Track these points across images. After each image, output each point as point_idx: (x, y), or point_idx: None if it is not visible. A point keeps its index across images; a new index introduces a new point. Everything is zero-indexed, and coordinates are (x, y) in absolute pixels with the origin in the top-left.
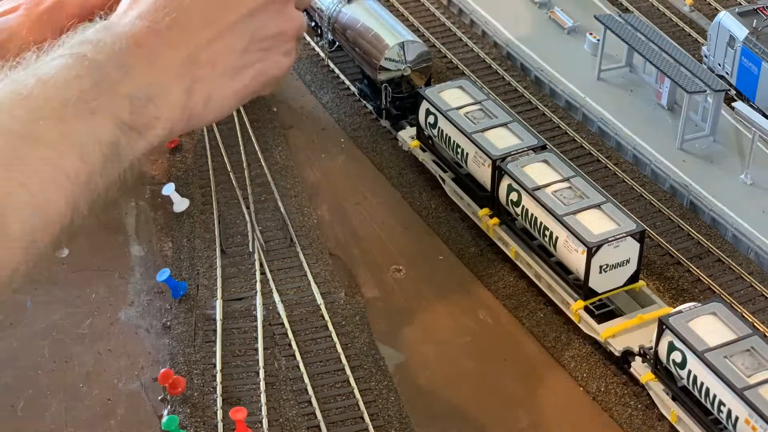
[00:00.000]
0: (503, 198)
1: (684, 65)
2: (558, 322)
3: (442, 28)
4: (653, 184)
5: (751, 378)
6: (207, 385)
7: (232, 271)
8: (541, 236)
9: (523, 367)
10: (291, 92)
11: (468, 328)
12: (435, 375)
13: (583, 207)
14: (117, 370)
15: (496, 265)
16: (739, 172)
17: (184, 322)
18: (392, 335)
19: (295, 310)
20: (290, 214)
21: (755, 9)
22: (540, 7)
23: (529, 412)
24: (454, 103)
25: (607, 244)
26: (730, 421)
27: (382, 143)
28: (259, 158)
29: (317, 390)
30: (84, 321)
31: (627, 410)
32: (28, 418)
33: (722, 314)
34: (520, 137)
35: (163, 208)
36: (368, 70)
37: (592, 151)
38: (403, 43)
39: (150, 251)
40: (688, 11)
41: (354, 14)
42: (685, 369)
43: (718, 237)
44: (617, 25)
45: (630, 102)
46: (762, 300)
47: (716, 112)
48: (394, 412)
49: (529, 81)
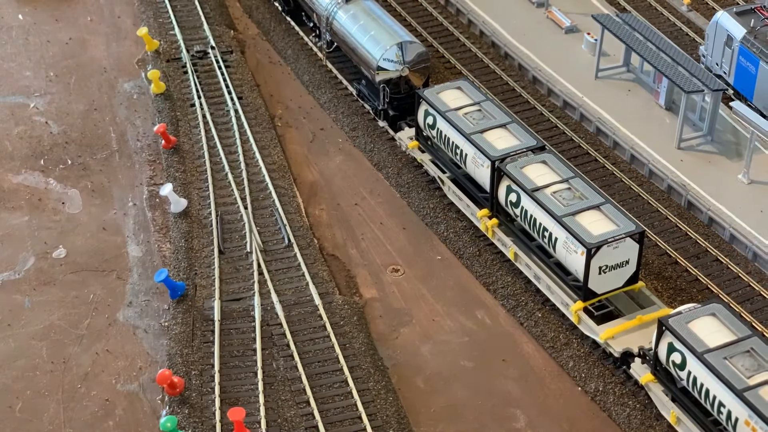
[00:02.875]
0: (502, 199)
1: (682, 65)
2: (556, 322)
3: (440, 28)
4: (651, 184)
5: (750, 379)
6: (205, 386)
7: (230, 271)
8: (540, 237)
9: (521, 367)
10: (289, 93)
11: (466, 328)
12: (433, 375)
13: (583, 208)
14: (115, 370)
15: (494, 266)
16: (737, 172)
17: (182, 322)
18: (390, 335)
19: (293, 311)
20: (288, 215)
21: (753, 9)
22: (537, 7)
23: (527, 411)
24: (452, 104)
25: (607, 245)
26: (730, 423)
27: (380, 144)
28: (257, 159)
29: (315, 390)
30: (82, 322)
31: (625, 410)
32: (26, 419)
33: (722, 315)
34: (519, 138)
35: (161, 208)
36: (366, 71)
37: (589, 151)
38: (401, 43)
39: (148, 252)
40: (685, 11)
41: (352, 15)
42: (685, 370)
43: (716, 236)
44: (615, 25)
45: (628, 101)
46: (760, 299)
47: (714, 112)
48: (393, 412)
49: (527, 81)
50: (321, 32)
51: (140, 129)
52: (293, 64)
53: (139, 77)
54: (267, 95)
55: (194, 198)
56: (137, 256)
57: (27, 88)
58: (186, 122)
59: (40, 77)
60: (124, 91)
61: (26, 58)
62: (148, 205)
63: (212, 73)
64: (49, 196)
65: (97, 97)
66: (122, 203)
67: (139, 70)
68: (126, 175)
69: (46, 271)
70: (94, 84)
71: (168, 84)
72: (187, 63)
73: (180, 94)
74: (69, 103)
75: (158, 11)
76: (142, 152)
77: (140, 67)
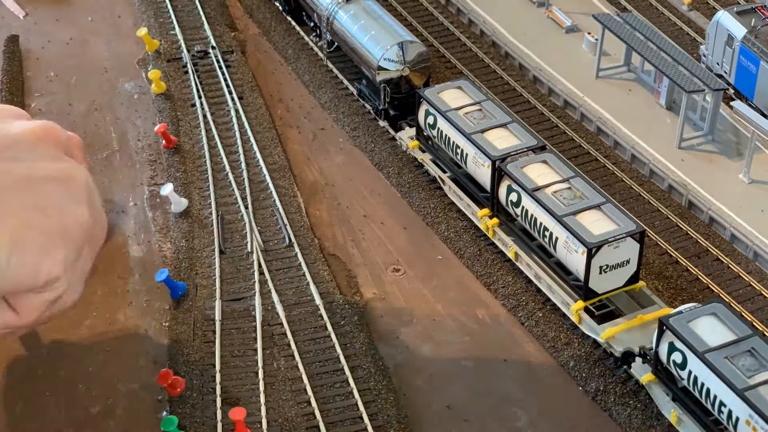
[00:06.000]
0: (503, 198)
1: (682, 64)
2: (557, 322)
3: (441, 27)
4: (651, 183)
5: (751, 379)
6: (206, 386)
7: (230, 271)
8: (540, 237)
9: (521, 367)
10: (290, 92)
11: (467, 327)
12: (434, 375)
13: (583, 207)
14: (116, 370)
15: (495, 265)
16: (738, 171)
17: (183, 322)
18: (391, 335)
19: (294, 311)
20: (289, 215)
21: (754, 8)
22: (538, 7)
23: (528, 411)
24: (453, 103)
25: (607, 244)
26: (731, 422)
27: (381, 143)
28: (258, 158)
29: (316, 390)
30: (83, 321)
31: (626, 410)
32: (27, 419)
33: (722, 315)
34: (520, 138)
35: (162, 208)
36: (367, 71)
37: (590, 151)
38: (401, 43)
39: (149, 252)
40: (686, 10)
41: (352, 15)
42: (686, 370)
43: (716, 236)
44: (616, 25)
45: (628, 101)
46: (761, 299)
47: (715, 111)
48: (394, 412)
49: (528, 80)
50: (321, 32)
51: (141, 129)
52: (294, 64)
53: (139, 77)
54: (267, 95)
55: (195, 198)
56: (138, 256)
57: (27, 88)
58: (187, 122)
59: (40, 77)
60: (124, 91)
61: (27, 58)
62: (149, 205)
63: (213, 73)
64: None
65: (97, 97)
66: (123, 203)
67: (139, 70)
68: (127, 175)
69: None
70: (94, 84)
71: (169, 84)
72: (187, 63)
73: (181, 94)
74: (69, 103)
75: (159, 11)
76: (142, 152)
77: (141, 67)
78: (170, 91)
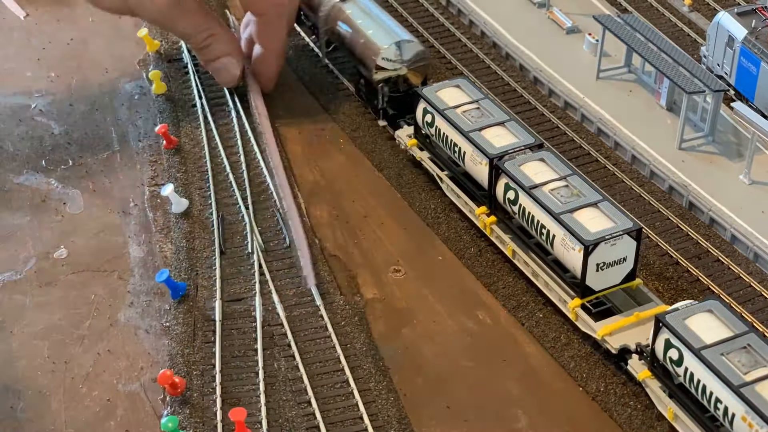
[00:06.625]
0: (500, 196)
1: (683, 65)
2: (557, 323)
3: (441, 28)
4: (652, 184)
5: (747, 375)
6: (206, 386)
7: (231, 271)
8: (538, 234)
9: (522, 367)
10: (289, 92)
11: (467, 328)
12: (434, 375)
13: (580, 205)
14: (116, 371)
15: (495, 266)
16: (738, 172)
17: (183, 322)
18: (392, 336)
19: (295, 311)
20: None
21: (754, 9)
22: (539, 8)
23: (528, 412)
24: (451, 102)
25: (604, 242)
26: (727, 418)
27: (381, 143)
28: (258, 159)
29: (317, 391)
30: (83, 322)
31: (626, 410)
32: (27, 419)
33: (719, 312)
34: (517, 136)
35: (162, 208)
36: (364, 70)
37: (591, 152)
38: (399, 42)
39: (149, 252)
40: (686, 11)
41: (350, 14)
42: (682, 366)
43: (717, 237)
44: (616, 26)
45: (629, 102)
46: (761, 300)
47: (715, 112)
48: (394, 412)
49: (528, 81)
50: (320, 32)
51: (141, 129)
52: (294, 64)
53: (140, 78)
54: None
55: (195, 198)
56: (138, 257)
57: (28, 88)
58: (187, 123)
59: (41, 78)
60: (125, 92)
61: (27, 59)
62: (150, 206)
63: None
64: (50, 196)
65: (98, 97)
66: (123, 204)
67: (140, 70)
68: (127, 175)
69: (48, 271)
70: (95, 84)
71: (169, 84)
72: (188, 63)
73: (181, 94)
74: (70, 104)
75: None
76: (143, 152)
77: (142, 68)
78: (171, 91)
